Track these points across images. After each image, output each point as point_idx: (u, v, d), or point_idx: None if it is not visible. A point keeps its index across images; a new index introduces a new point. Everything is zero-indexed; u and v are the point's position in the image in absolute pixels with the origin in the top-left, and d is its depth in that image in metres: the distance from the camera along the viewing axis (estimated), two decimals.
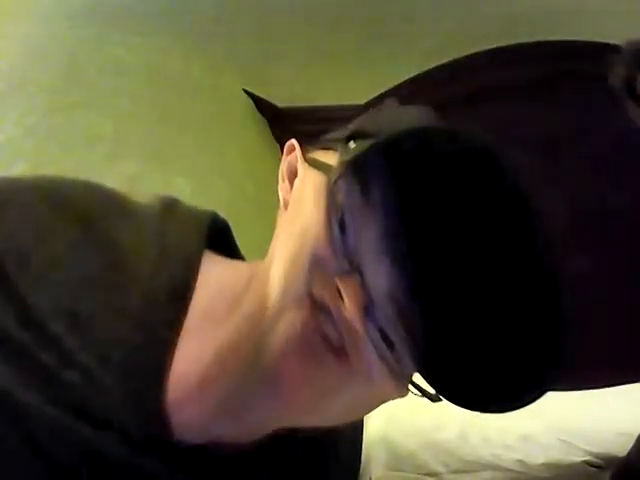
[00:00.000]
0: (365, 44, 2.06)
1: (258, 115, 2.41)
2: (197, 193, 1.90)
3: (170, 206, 0.49)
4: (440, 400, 0.39)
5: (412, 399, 0.43)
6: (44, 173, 0.49)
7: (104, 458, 0.39)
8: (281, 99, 2.36)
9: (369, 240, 0.38)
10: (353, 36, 2.02)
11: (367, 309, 0.37)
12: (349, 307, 0.38)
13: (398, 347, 0.38)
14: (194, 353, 0.42)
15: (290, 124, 2.23)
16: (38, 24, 1.51)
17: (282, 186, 0.47)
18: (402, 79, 2.06)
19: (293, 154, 0.48)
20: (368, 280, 0.38)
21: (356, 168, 0.39)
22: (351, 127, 0.44)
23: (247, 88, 2.32)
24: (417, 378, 0.40)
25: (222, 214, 0.52)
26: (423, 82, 2.09)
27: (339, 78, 2.20)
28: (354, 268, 0.38)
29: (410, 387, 0.41)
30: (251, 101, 2.36)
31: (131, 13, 1.72)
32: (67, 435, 0.38)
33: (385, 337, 0.38)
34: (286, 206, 0.45)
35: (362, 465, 0.56)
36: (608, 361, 2.02)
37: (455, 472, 1.64)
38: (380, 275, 0.38)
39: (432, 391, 0.39)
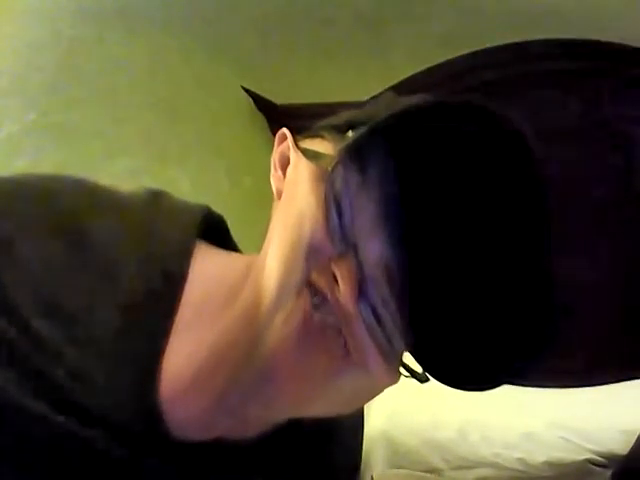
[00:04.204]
0: (364, 42, 2.06)
1: (256, 112, 2.42)
2: (196, 188, 1.90)
3: (158, 198, 0.48)
4: (428, 380, 0.39)
5: (412, 398, 0.43)
6: (43, 170, 0.49)
7: (102, 457, 0.38)
8: (279, 96, 2.37)
9: (365, 218, 0.38)
10: (352, 34, 2.02)
11: (360, 288, 0.37)
12: (343, 289, 0.37)
13: (389, 324, 0.37)
14: (188, 347, 0.41)
15: (288, 121, 2.23)
16: (38, 23, 1.51)
17: (275, 175, 0.46)
18: (402, 77, 2.06)
19: (285, 143, 0.47)
20: (362, 255, 0.37)
21: (354, 151, 0.38)
22: (348, 116, 0.44)
23: (245, 85, 2.32)
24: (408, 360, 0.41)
25: (220, 208, 0.51)
26: (423, 80, 2.09)
27: (337, 75, 2.20)
28: (349, 248, 0.37)
29: (400, 369, 0.41)
30: (250, 98, 2.37)
31: (130, 11, 1.72)
32: (64, 435, 0.37)
33: (377, 316, 0.37)
34: (279, 195, 0.45)
35: (363, 461, 0.56)
36: (608, 359, 2.02)
37: (456, 469, 1.64)
38: (374, 248, 0.38)
39: (420, 371, 0.39)
